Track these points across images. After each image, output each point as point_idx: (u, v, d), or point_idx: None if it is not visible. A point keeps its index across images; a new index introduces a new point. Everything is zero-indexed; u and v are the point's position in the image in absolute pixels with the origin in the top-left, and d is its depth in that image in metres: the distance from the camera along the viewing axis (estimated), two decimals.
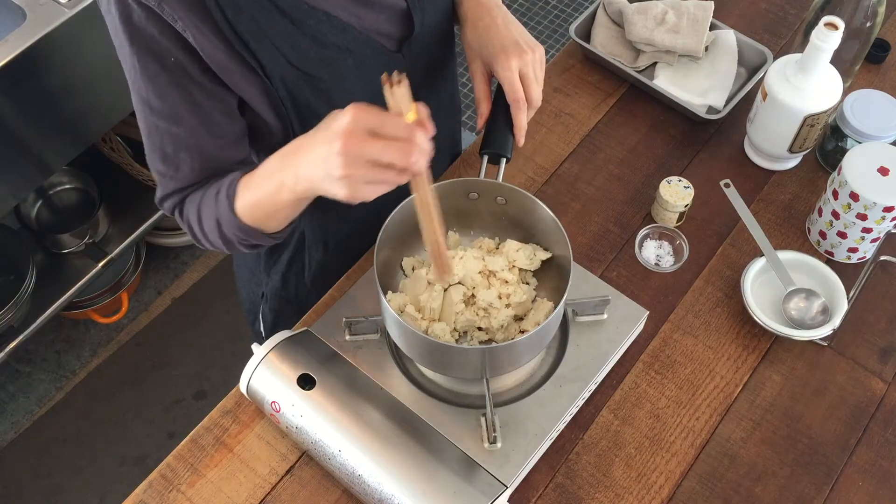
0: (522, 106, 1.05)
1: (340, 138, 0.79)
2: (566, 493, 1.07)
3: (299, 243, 1.23)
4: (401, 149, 0.79)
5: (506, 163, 1.11)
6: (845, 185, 1.17)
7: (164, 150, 0.97)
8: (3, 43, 1.57)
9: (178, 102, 0.93)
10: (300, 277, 1.28)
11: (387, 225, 1.03)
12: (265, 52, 0.93)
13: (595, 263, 1.25)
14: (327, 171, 0.81)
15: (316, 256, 1.24)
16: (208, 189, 1.00)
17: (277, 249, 1.26)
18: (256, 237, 0.99)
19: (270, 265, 1.29)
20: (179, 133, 0.95)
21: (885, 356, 1.18)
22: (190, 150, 0.97)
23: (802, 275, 1.21)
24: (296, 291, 1.30)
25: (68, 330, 2.33)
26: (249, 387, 1.07)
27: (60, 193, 2.17)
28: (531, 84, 1.06)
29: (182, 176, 0.99)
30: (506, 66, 1.04)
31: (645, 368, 1.16)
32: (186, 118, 0.94)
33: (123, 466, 2.14)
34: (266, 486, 1.07)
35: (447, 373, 1.07)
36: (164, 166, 0.99)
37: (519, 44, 1.06)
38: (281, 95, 0.97)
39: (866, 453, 1.11)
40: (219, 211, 0.98)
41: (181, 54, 0.90)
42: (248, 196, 0.95)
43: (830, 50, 1.18)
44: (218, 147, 0.98)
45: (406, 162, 0.79)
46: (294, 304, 1.31)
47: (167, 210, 1.05)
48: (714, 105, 1.41)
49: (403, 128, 0.79)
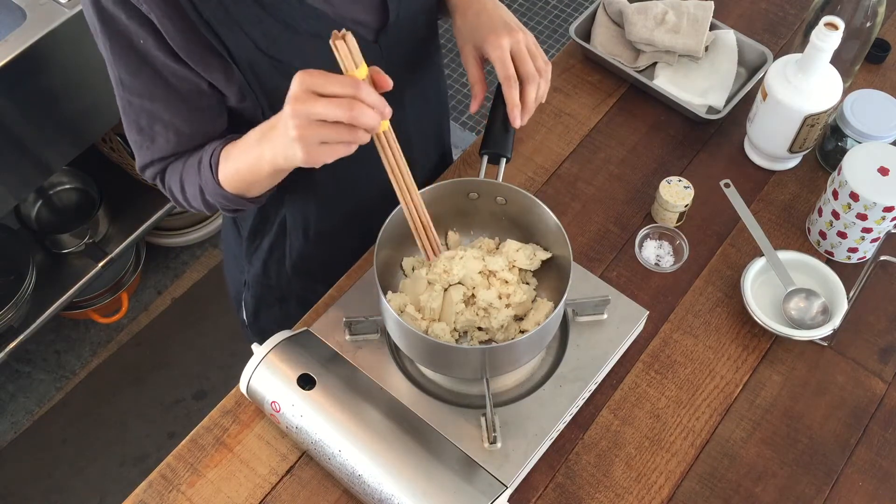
0: (513, 83, 1.03)
1: (289, 102, 0.83)
2: (566, 493, 1.07)
3: (280, 230, 1.24)
4: (342, 104, 0.80)
5: (506, 163, 1.11)
6: (845, 185, 1.17)
7: (138, 123, 1.01)
8: (3, 43, 1.57)
9: (148, 81, 0.96)
10: (281, 265, 1.28)
11: (387, 225, 1.03)
12: (233, 37, 0.94)
13: (595, 263, 1.25)
14: (285, 137, 0.85)
15: (297, 244, 1.24)
16: (189, 158, 1.03)
17: (259, 236, 1.26)
18: (238, 203, 1.03)
19: (252, 252, 1.29)
20: (152, 109, 0.98)
21: (885, 356, 1.18)
22: (164, 124, 1.00)
23: (802, 275, 1.21)
24: (277, 279, 1.31)
25: (68, 330, 2.33)
26: (249, 387, 1.07)
27: (60, 193, 2.17)
28: (524, 60, 1.04)
29: (158, 147, 1.03)
30: (496, 44, 1.03)
31: (645, 368, 1.16)
32: (158, 95, 0.97)
33: (123, 466, 2.14)
34: (266, 486, 1.07)
35: (447, 373, 1.07)
36: (140, 138, 1.02)
37: (509, 24, 1.05)
38: (249, 80, 0.98)
39: (866, 453, 1.11)
40: (202, 179, 1.01)
41: (149, 37, 0.92)
42: (230, 166, 0.98)
43: (830, 50, 1.18)
44: (190, 122, 1.01)
45: (349, 116, 0.80)
46: (275, 291, 1.32)
47: (148, 178, 1.08)
48: (714, 105, 1.41)
49: (346, 83, 0.81)
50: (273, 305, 1.34)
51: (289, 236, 1.24)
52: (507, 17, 1.07)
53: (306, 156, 0.85)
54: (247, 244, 1.29)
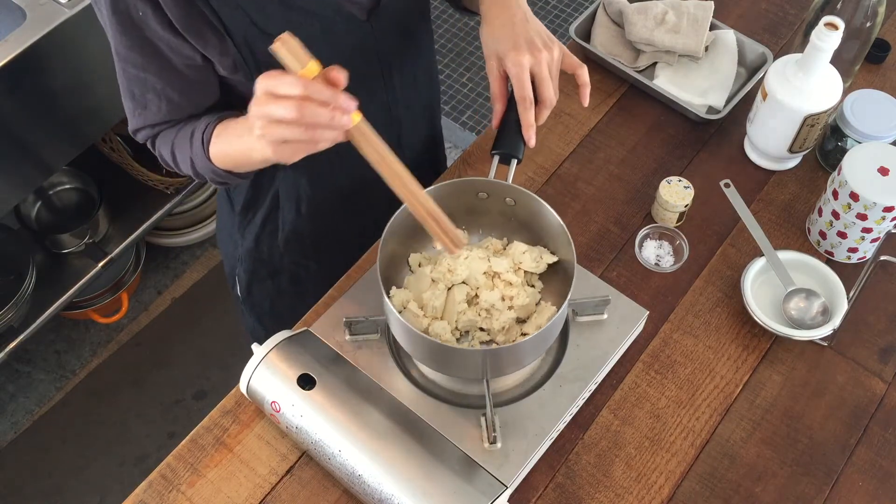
0: (529, 105, 1.04)
1: (251, 104, 0.84)
2: (566, 493, 1.07)
3: (273, 203, 1.25)
4: (290, 104, 0.80)
5: (516, 164, 1.11)
6: (845, 185, 1.17)
7: (132, 91, 1.03)
8: (3, 43, 1.57)
9: (144, 52, 0.98)
10: (273, 239, 1.29)
11: (393, 220, 1.03)
12: (229, 11, 0.96)
13: (595, 263, 1.25)
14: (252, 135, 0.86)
15: (289, 218, 1.25)
16: (182, 129, 1.06)
17: (252, 210, 1.27)
18: (227, 178, 1.07)
19: (245, 225, 1.30)
20: (146, 79, 1.00)
21: (885, 356, 1.18)
22: (157, 93, 1.02)
23: (802, 275, 1.21)
24: (269, 252, 1.31)
25: (68, 330, 2.33)
26: (249, 387, 1.07)
27: (60, 193, 2.17)
28: (543, 83, 1.04)
29: (150, 114, 1.05)
30: (516, 61, 1.02)
31: (645, 368, 1.16)
32: (152, 67, 0.99)
33: (123, 466, 2.14)
34: (266, 486, 1.07)
35: (448, 372, 1.07)
36: (133, 104, 1.05)
37: (534, 41, 1.04)
38: (243, 55, 1.00)
39: (866, 453, 1.11)
40: (193, 152, 1.04)
41: (147, 9, 0.94)
42: (221, 146, 1.02)
43: (830, 50, 1.18)
44: (182, 93, 1.03)
45: (299, 116, 0.80)
46: (267, 266, 1.33)
47: (140, 139, 1.10)
48: (714, 105, 1.41)
49: (291, 83, 0.81)
50: (265, 280, 1.35)
51: (281, 210, 1.25)
52: (534, 32, 1.05)
53: (274, 154, 0.87)
54: (240, 218, 1.29)
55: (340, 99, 0.82)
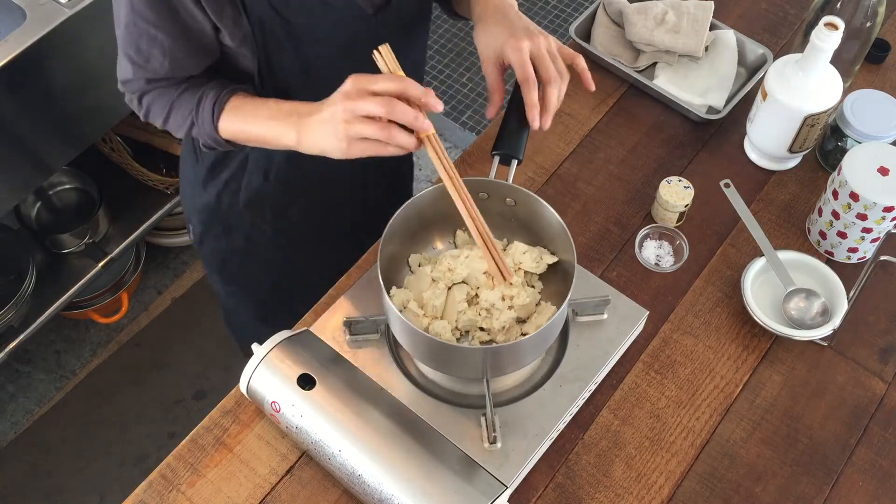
0: (532, 84, 1.03)
1: (341, 100, 0.92)
2: (566, 493, 1.07)
3: (241, 166, 1.26)
4: (382, 101, 0.90)
5: (517, 165, 1.11)
6: (845, 185, 1.17)
7: (138, 44, 1.04)
8: (3, 43, 1.57)
9: (160, 11, 1.00)
10: (235, 196, 1.30)
11: (393, 220, 1.03)
12: None
13: (595, 263, 1.25)
14: (327, 126, 0.94)
15: (255, 182, 1.26)
16: (186, 91, 1.08)
17: (219, 168, 1.28)
18: (224, 146, 1.10)
19: (209, 181, 1.31)
20: (156, 36, 1.02)
21: (885, 356, 1.18)
22: (163, 50, 1.04)
23: (802, 275, 1.21)
24: (228, 209, 1.32)
25: (68, 330, 2.33)
26: (249, 387, 1.07)
27: (60, 193, 2.17)
28: (544, 62, 1.04)
29: (151, 69, 1.06)
30: (515, 47, 1.03)
31: (645, 368, 1.16)
32: (165, 26, 1.02)
33: (123, 466, 2.14)
34: (266, 486, 1.07)
35: (448, 371, 1.07)
36: (137, 56, 1.06)
37: (529, 28, 1.06)
38: (255, 33, 1.03)
39: (866, 453, 1.11)
40: (198, 117, 1.07)
41: None
42: (238, 123, 1.05)
43: (830, 50, 1.18)
44: (189, 55, 1.06)
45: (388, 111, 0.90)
46: (223, 221, 1.34)
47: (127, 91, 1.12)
48: (714, 105, 1.41)
49: (392, 78, 0.92)
50: (219, 237, 1.36)
51: (248, 173, 1.26)
52: (529, 24, 1.08)
53: (347, 147, 0.94)
54: (206, 173, 1.30)
55: (430, 99, 0.92)
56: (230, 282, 1.46)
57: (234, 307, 1.54)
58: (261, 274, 1.43)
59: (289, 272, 1.43)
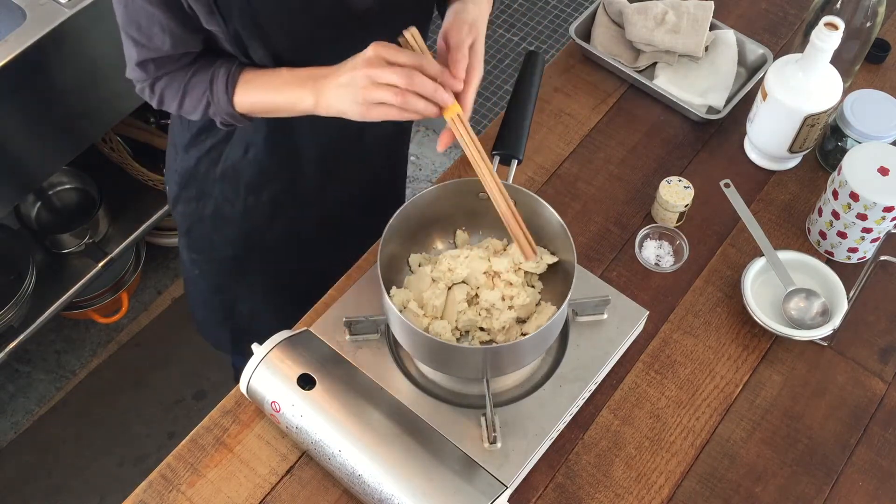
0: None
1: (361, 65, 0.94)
2: (566, 493, 1.07)
3: (225, 137, 1.26)
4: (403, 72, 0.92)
5: (517, 165, 1.11)
6: (845, 185, 1.17)
7: (139, 22, 1.05)
8: (3, 43, 1.57)
9: None
10: (212, 166, 1.30)
11: (393, 220, 1.03)
12: None
13: (595, 263, 1.25)
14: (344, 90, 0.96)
15: (233, 155, 1.27)
16: (196, 73, 1.09)
17: (204, 135, 1.29)
18: (241, 121, 1.11)
19: (192, 145, 1.31)
20: (153, 12, 1.03)
21: (885, 356, 1.18)
22: (162, 27, 1.04)
23: (802, 275, 1.21)
24: (203, 176, 1.32)
25: (68, 330, 2.33)
26: (249, 387, 1.07)
27: (60, 193, 2.17)
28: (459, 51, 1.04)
29: (154, 47, 1.07)
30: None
31: (645, 368, 1.16)
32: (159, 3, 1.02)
33: (123, 466, 2.14)
34: (266, 486, 1.07)
35: (448, 371, 1.07)
36: (139, 35, 1.06)
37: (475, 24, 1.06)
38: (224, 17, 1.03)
39: (866, 453, 1.11)
40: (213, 97, 1.08)
41: None
42: (254, 95, 1.07)
43: (830, 50, 1.18)
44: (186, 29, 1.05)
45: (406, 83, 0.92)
46: (198, 185, 1.34)
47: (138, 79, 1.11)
48: (714, 105, 1.41)
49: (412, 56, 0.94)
50: (191, 200, 1.37)
51: (230, 145, 1.26)
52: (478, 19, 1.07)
53: (366, 110, 0.95)
54: (190, 138, 1.30)
55: (448, 77, 0.95)
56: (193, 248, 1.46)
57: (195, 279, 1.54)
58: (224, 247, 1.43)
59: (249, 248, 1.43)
